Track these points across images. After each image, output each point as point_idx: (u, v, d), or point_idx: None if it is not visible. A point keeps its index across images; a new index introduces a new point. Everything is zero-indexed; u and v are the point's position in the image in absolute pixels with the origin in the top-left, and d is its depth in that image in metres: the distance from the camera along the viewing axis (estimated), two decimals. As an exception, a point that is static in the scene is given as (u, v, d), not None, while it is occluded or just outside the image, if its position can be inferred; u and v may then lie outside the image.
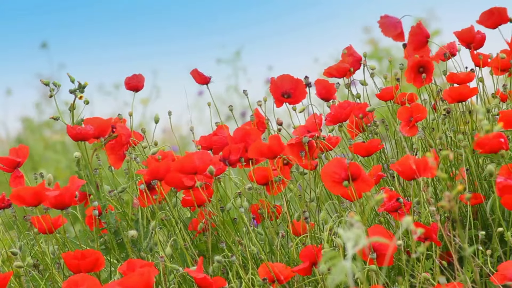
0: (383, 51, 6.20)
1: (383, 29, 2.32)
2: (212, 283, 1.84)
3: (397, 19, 2.31)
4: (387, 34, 2.32)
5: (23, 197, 1.99)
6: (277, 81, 2.28)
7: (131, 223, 2.21)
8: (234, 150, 2.12)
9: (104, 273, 2.22)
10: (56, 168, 5.58)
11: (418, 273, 1.91)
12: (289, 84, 2.28)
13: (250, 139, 2.14)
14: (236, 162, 2.13)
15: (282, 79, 2.28)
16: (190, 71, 2.39)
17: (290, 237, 2.13)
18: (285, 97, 2.29)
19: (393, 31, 2.31)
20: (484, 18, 2.39)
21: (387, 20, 2.31)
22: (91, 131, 2.17)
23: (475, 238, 2.07)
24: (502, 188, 1.72)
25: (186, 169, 2.07)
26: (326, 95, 2.38)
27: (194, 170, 2.07)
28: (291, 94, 2.28)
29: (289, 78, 2.28)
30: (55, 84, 2.20)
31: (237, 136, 2.15)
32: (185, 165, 2.06)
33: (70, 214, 2.06)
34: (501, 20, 2.39)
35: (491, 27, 2.40)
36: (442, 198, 1.97)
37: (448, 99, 2.25)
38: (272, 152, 2.10)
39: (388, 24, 2.31)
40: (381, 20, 2.32)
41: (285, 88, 2.28)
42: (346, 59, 2.41)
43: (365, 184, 1.93)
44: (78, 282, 1.75)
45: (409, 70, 2.29)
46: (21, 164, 2.23)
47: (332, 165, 1.93)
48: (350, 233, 1.29)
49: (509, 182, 1.71)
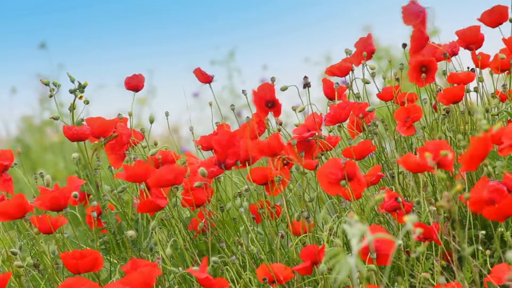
0: (382, 51, 6.20)
1: (404, 15, 2.29)
2: (215, 283, 1.84)
3: (422, 8, 2.29)
4: (407, 21, 2.29)
5: (7, 212, 1.97)
6: (259, 92, 2.25)
7: (131, 223, 2.21)
8: (231, 154, 2.11)
9: (104, 273, 2.22)
10: (54, 169, 5.58)
11: (418, 273, 1.91)
12: (271, 93, 2.26)
13: (236, 141, 2.12)
14: (232, 165, 2.12)
15: (263, 88, 2.26)
16: (192, 70, 2.39)
17: (290, 237, 2.13)
18: (269, 107, 2.26)
19: (413, 20, 2.30)
20: (486, 17, 2.40)
21: (413, 7, 2.28)
22: (88, 131, 2.17)
23: (475, 238, 2.07)
24: (493, 191, 1.72)
25: (162, 183, 2.03)
26: (332, 95, 2.38)
27: (170, 183, 2.03)
28: (274, 103, 2.26)
29: (270, 87, 2.25)
30: (55, 84, 2.20)
31: (223, 140, 2.12)
32: (160, 179, 2.03)
33: (70, 214, 2.06)
34: (502, 19, 2.40)
35: (492, 25, 2.41)
36: (441, 198, 1.97)
37: (443, 101, 2.25)
38: (272, 150, 2.10)
39: (412, 12, 2.29)
40: (407, 6, 2.29)
41: (268, 97, 2.26)
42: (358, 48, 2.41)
43: (359, 184, 1.93)
44: (73, 285, 1.74)
45: (412, 69, 2.30)
46: (8, 168, 2.20)
47: (328, 166, 1.92)
48: (355, 229, 1.28)
49: (501, 187, 1.71)
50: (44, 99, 6.71)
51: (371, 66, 2.41)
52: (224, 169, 2.12)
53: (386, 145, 2.42)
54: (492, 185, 1.72)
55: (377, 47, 2.67)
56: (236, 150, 2.10)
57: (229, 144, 2.11)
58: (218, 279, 1.85)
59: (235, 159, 2.11)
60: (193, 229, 2.25)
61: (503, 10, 2.40)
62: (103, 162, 2.28)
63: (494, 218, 1.74)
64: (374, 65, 2.42)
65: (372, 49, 2.42)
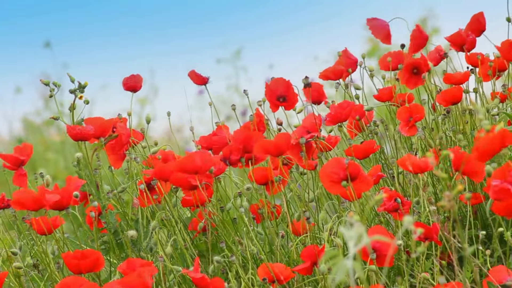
0: (383, 50, 6.20)
1: (372, 30, 2.35)
2: (210, 283, 1.84)
3: (385, 21, 2.34)
4: (376, 35, 2.35)
5: (24, 202, 2.02)
6: (271, 85, 2.29)
7: (131, 223, 2.21)
8: (235, 150, 2.13)
9: (104, 273, 2.22)
10: (55, 169, 5.58)
11: (418, 273, 1.91)
12: (283, 87, 2.29)
13: (252, 141, 2.15)
14: (236, 162, 2.14)
15: (276, 82, 2.29)
16: (188, 72, 2.39)
17: (290, 237, 2.13)
18: (280, 101, 2.29)
19: (381, 33, 2.34)
20: (468, 27, 2.42)
21: (375, 22, 2.34)
22: (91, 131, 2.17)
23: (475, 238, 2.07)
24: (497, 191, 1.71)
25: (187, 169, 2.07)
26: (318, 98, 2.39)
27: (196, 170, 2.07)
28: (286, 98, 2.28)
29: (283, 82, 2.29)
30: (55, 84, 2.20)
31: (239, 139, 2.16)
32: (186, 165, 2.07)
33: (70, 214, 2.06)
34: (481, 27, 2.41)
35: (476, 34, 2.42)
36: (442, 198, 1.97)
37: (442, 103, 2.26)
38: (278, 149, 2.11)
39: (377, 26, 2.34)
40: (369, 22, 2.35)
41: (280, 91, 2.29)
42: (342, 61, 2.42)
43: (364, 184, 1.93)
44: (71, 285, 1.74)
45: (403, 71, 2.31)
46: (25, 163, 2.26)
47: (331, 165, 1.93)
48: (352, 231, 1.29)
49: (506, 186, 1.70)
50: (47, 99, 6.71)
51: (369, 67, 2.42)
52: (228, 165, 2.14)
53: (386, 145, 2.42)
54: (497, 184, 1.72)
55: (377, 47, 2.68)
56: (239, 147, 2.13)
57: (243, 144, 2.15)
58: (214, 279, 1.86)
59: (239, 155, 2.13)
60: (193, 229, 2.25)
61: (480, 19, 2.41)
62: (103, 162, 2.28)
63: (503, 213, 1.74)
64: (373, 67, 2.42)
65: (426, 37, 2.39)
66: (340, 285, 1.95)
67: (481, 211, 2.20)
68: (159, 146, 2.27)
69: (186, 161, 2.06)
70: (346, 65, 2.43)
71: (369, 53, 6.27)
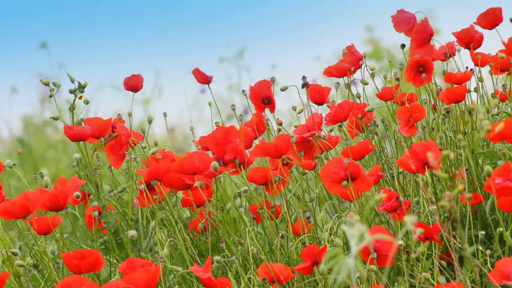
0: (383, 51, 6.19)
1: (395, 23, 2.32)
2: (217, 283, 1.84)
3: (412, 14, 2.31)
4: (398, 29, 2.32)
5: (11, 211, 1.99)
6: (255, 88, 2.30)
7: (131, 223, 2.21)
8: (228, 150, 2.12)
9: (104, 273, 2.22)
10: (57, 167, 5.58)
11: (418, 273, 1.91)
12: (267, 89, 2.30)
13: (232, 137, 2.13)
14: (230, 162, 2.13)
15: (260, 85, 2.30)
16: (192, 70, 2.39)
17: (290, 237, 2.13)
18: (265, 103, 2.31)
19: (405, 26, 2.31)
20: (481, 19, 2.40)
21: (401, 15, 2.30)
22: (89, 131, 2.17)
23: (475, 238, 2.07)
24: (500, 190, 1.71)
25: (186, 170, 2.07)
26: (320, 100, 2.39)
27: (194, 170, 2.07)
28: (271, 100, 2.30)
29: (267, 84, 2.30)
30: (55, 84, 2.20)
31: (219, 136, 2.14)
32: (184, 166, 2.06)
33: (70, 214, 2.06)
34: (496, 20, 2.40)
35: (488, 27, 2.40)
36: (441, 198, 1.97)
37: (445, 101, 2.25)
38: (278, 151, 2.10)
39: (402, 19, 2.30)
40: (396, 14, 2.31)
41: (264, 94, 2.30)
42: (347, 58, 2.41)
43: (365, 184, 1.93)
44: (71, 284, 1.74)
45: (409, 69, 2.30)
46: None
47: (332, 165, 1.93)
48: (354, 230, 1.28)
49: (508, 184, 1.70)
50: (45, 99, 6.71)
51: (370, 67, 2.41)
52: (222, 165, 2.13)
53: (386, 145, 2.41)
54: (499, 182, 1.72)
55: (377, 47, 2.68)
56: (233, 147, 2.11)
57: (225, 141, 2.13)
58: (220, 279, 1.85)
59: (233, 155, 2.12)
60: (193, 229, 2.25)
61: (497, 12, 2.40)
62: (103, 162, 2.28)
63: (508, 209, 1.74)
64: (374, 66, 2.42)
65: (431, 32, 2.38)
66: (340, 285, 1.94)
67: (481, 211, 2.20)
68: (159, 146, 2.27)
69: (185, 161, 2.06)
70: (351, 62, 2.41)
71: (370, 56, 6.26)
